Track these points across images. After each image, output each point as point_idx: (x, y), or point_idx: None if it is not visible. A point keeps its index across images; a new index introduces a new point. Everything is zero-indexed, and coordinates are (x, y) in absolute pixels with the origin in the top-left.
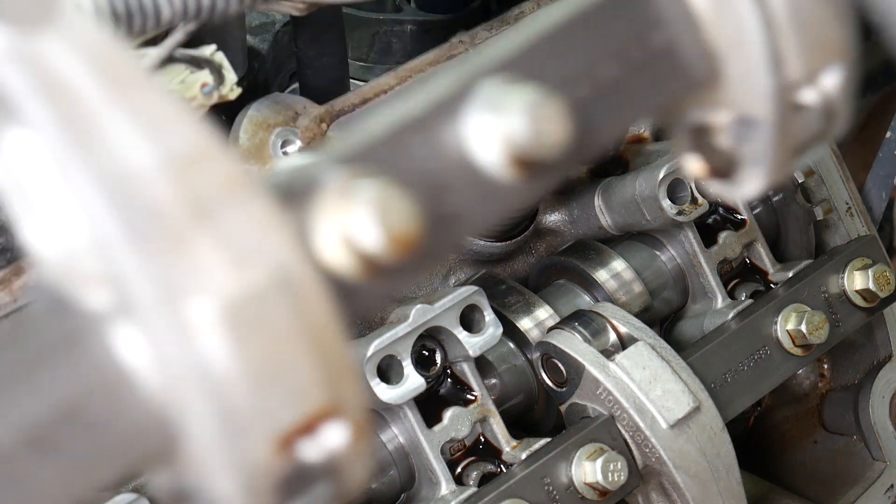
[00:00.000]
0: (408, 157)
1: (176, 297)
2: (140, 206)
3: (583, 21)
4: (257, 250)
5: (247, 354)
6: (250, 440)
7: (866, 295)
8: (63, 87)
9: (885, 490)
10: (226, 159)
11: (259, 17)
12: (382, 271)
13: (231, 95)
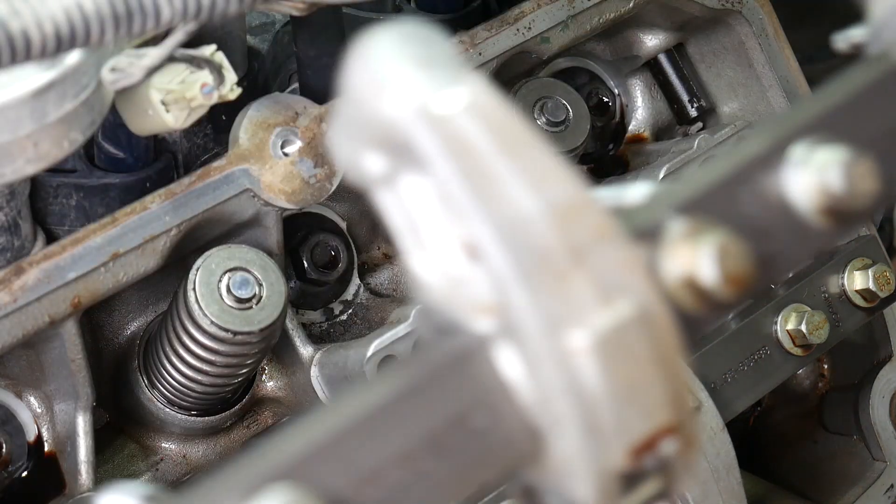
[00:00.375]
0: (736, 206)
1: (557, 326)
2: (528, 247)
3: (882, 87)
4: (622, 287)
5: (613, 377)
6: (608, 449)
7: (866, 295)
8: (465, 144)
9: (885, 490)
10: (596, 208)
11: (259, 17)
12: (717, 306)
13: (231, 95)
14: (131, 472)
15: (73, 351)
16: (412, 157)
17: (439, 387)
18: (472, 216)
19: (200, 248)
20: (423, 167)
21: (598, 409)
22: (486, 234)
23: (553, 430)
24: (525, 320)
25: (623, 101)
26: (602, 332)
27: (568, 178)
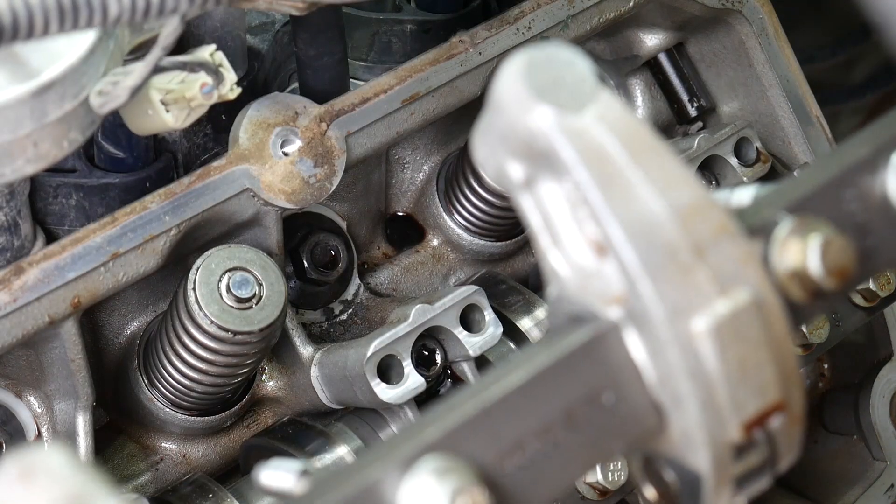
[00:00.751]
0: (839, 205)
1: (679, 314)
2: (656, 244)
3: None
4: (739, 279)
5: (730, 359)
6: (725, 424)
7: (866, 294)
8: (600, 153)
9: (885, 490)
10: (716, 208)
11: (259, 16)
12: (822, 296)
13: (231, 95)
14: (131, 472)
15: (73, 351)
16: (551, 165)
17: (573, 368)
18: (605, 216)
19: (200, 248)
20: (560, 174)
21: (716, 387)
22: (618, 233)
23: (675, 407)
24: (651, 308)
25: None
26: (720, 319)
27: (691, 181)
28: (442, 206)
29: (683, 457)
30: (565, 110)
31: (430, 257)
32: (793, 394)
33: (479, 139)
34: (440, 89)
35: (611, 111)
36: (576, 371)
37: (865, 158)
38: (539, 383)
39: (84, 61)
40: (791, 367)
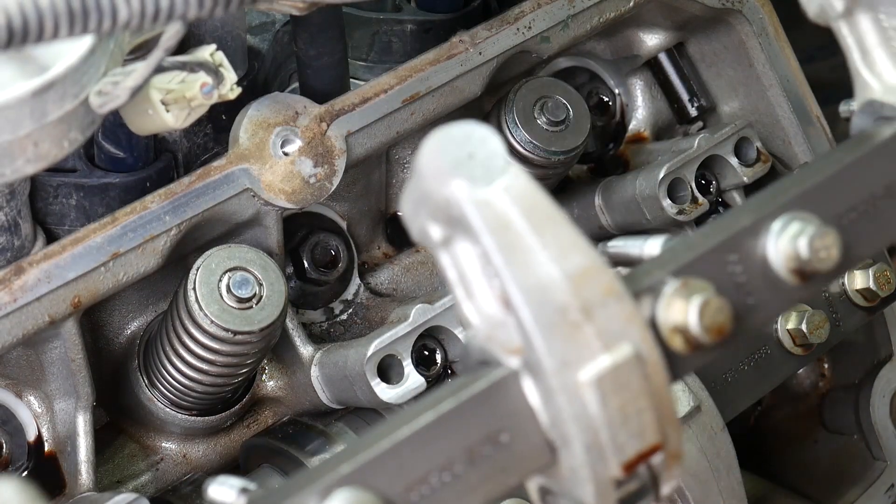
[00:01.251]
0: (724, 268)
1: (567, 366)
2: (550, 304)
3: (850, 172)
4: (622, 335)
5: (611, 406)
6: (607, 463)
7: (867, 294)
8: (504, 222)
9: (885, 489)
10: (605, 272)
11: (259, 16)
12: (702, 349)
13: (231, 95)
14: (131, 472)
15: (73, 351)
16: (464, 229)
17: (476, 410)
18: (506, 279)
19: (200, 248)
20: (471, 237)
21: (599, 431)
22: (516, 293)
23: (564, 447)
24: (543, 360)
25: (623, 101)
26: (602, 371)
27: (584, 247)
28: None
29: (572, 490)
30: (476, 183)
31: (430, 257)
32: (670, 435)
33: (406, 201)
34: (440, 89)
35: (516, 184)
36: (478, 412)
37: (748, 226)
38: (444, 423)
39: (84, 61)
40: (669, 411)
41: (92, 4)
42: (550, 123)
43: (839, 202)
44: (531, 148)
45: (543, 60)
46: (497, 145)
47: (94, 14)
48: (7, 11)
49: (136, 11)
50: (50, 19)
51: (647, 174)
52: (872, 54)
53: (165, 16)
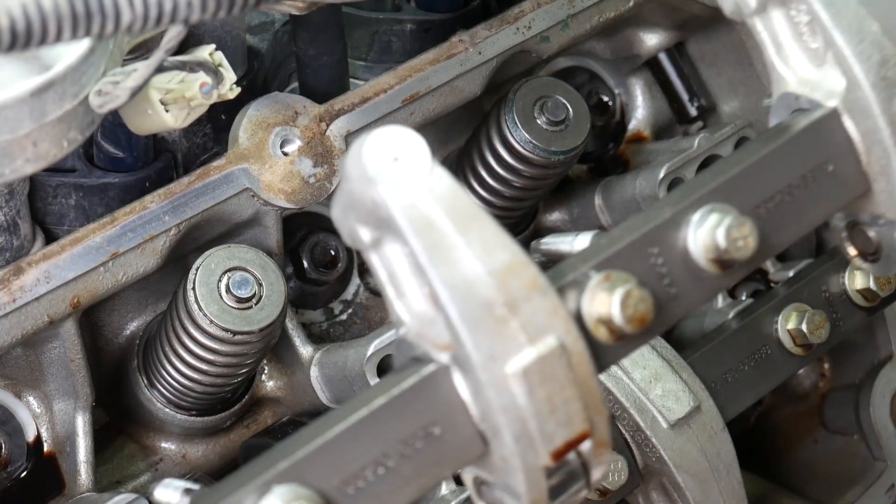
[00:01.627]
0: (644, 261)
1: (494, 360)
2: (475, 300)
3: (767, 163)
4: (547, 328)
5: (538, 397)
6: (536, 452)
7: (867, 294)
8: (429, 223)
9: (885, 490)
10: (529, 267)
11: (259, 16)
12: (626, 338)
13: (230, 95)
14: (131, 472)
15: (73, 351)
16: (392, 230)
17: (409, 404)
18: (433, 277)
19: (200, 248)
20: (399, 238)
21: (527, 421)
22: (443, 290)
23: (494, 438)
24: (471, 355)
25: (623, 101)
26: (528, 363)
27: (508, 244)
28: None
29: (504, 479)
30: (402, 186)
31: None
32: (597, 423)
33: (335, 206)
34: (440, 89)
35: (440, 186)
36: (410, 407)
37: (668, 218)
38: (377, 418)
39: (84, 61)
40: (595, 400)
41: (95, 7)
42: (550, 123)
43: (756, 193)
44: (531, 148)
45: (543, 60)
46: (421, 148)
47: (97, 17)
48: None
49: (139, 14)
50: (53, 22)
51: (647, 174)
52: (786, 49)
53: (168, 19)
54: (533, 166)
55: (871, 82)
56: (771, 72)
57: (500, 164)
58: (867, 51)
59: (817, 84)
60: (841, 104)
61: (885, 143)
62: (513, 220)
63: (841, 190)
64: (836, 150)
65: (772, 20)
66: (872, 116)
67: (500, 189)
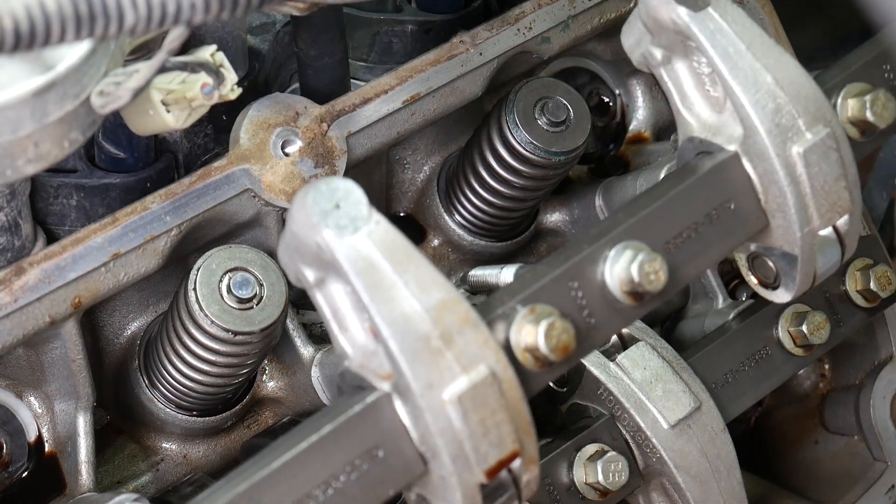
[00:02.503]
0: (566, 294)
1: (433, 387)
2: (413, 334)
3: (675, 203)
4: (479, 358)
5: (472, 421)
6: (472, 471)
7: (867, 295)
8: (369, 264)
9: (886, 490)
10: (461, 304)
11: (259, 17)
12: (551, 365)
13: (231, 95)
14: (132, 473)
15: (74, 351)
16: (335, 271)
17: (354, 429)
18: (374, 314)
19: (201, 248)
20: (342, 278)
21: (463, 443)
22: (383, 325)
23: (433, 459)
24: (410, 384)
25: (624, 101)
26: (462, 390)
27: (442, 282)
28: (442, 206)
29: (443, 496)
30: (343, 230)
31: (430, 257)
32: (526, 443)
33: (281, 250)
34: (441, 90)
35: (378, 230)
36: (355, 432)
37: (587, 255)
38: (326, 443)
39: (85, 61)
40: (524, 422)
41: (99, 9)
42: (551, 124)
43: (665, 230)
44: (531, 148)
45: (544, 61)
46: (360, 196)
47: (100, 19)
48: (14, 15)
49: (142, 16)
50: (57, 24)
51: (647, 175)
52: (690, 97)
53: (171, 20)
54: (533, 167)
55: (767, 129)
56: (677, 117)
57: (501, 164)
58: (763, 100)
59: (718, 129)
60: (740, 148)
61: (781, 183)
62: (513, 221)
63: (742, 225)
64: (737, 190)
65: (676, 71)
66: (768, 159)
67: (500, 190)
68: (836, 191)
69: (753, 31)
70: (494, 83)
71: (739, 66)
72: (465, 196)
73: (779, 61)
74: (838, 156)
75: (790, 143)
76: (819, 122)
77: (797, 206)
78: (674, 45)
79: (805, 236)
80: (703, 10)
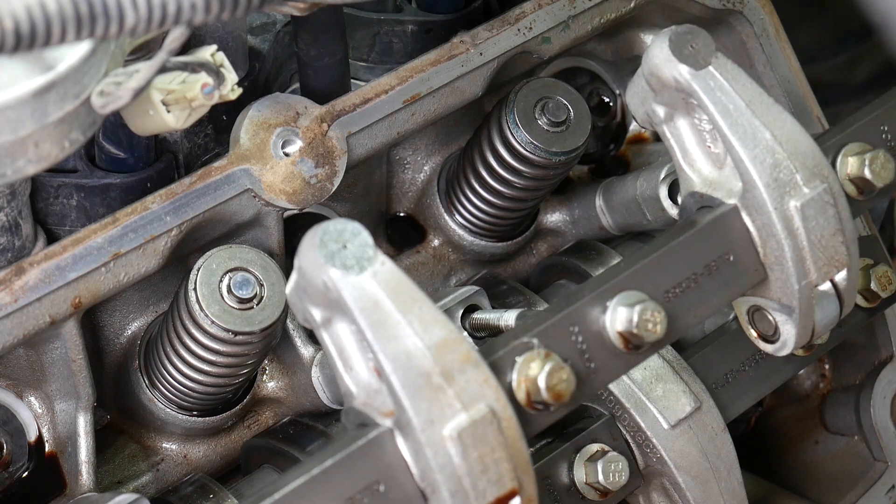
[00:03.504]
0: (566, 338)
1: (434, 424)
2: (415, 372)
3: (675, 254)
4: (479, 396)
5: (472, 458)
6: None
7: (868, 295)
8: (374, 304)
9: (886, 490)
10: (463, 343)
11: (260, 17)
12: (549, 408)
13: (232, 95)
14: (132, 473)
15: (74, 351)
16: (341, 310)
17: (355, 464)
18: (378, 352)
19: (201, 249)
20: (348, 317)
21: (462, 479)
22: (386, 363)
23: (432, 494)
24: (412, 420)
25: (624, 101)
26: (462, 428)
27: (444, 322)
28: (443, 206)
29: None
30: (349, 271)
31: (430, 258)
32: (525, 482)
33: (290, 290)
34: (441, 90)
35: (383, 271)
36: (357, 466)
37: (589, 300)
38: (328, 476)
39: (85, 61)
40: (523, 461)
41: (99, 10)
42: (551, 124)
43: (665, 280)
44: (532, 148)
45: (544, 61)
46: (366, 238)
47: (101, 19)
48: (15, 16)
49: (143, 16)
50: (57, 24)
51: (647, 175)
52: (691, 153)
53: (172, 21)
54: (534, 167)
55: (765, 183)
56: (679, 173)
57: (501, 164)
58: (761, 155)
59: (719, 184)
60: (739, 202)
61: (779, 237)
62: (514, 221)
63: (741, 278)
64: (736, 243)
65: (678, 128)
66: (767, 213)
67: (501, 190)
68: (833, 245)
69: (753, 89)
70: (494, 83)
71: (739, 123)
72: (466, 196)
73: (777, 118)
74: (835, 211)
75: (788, 197)
76: (816, 178)
77: (795, 259)
78: (676, 103)
79: (803, 289)
80: (704, 68)
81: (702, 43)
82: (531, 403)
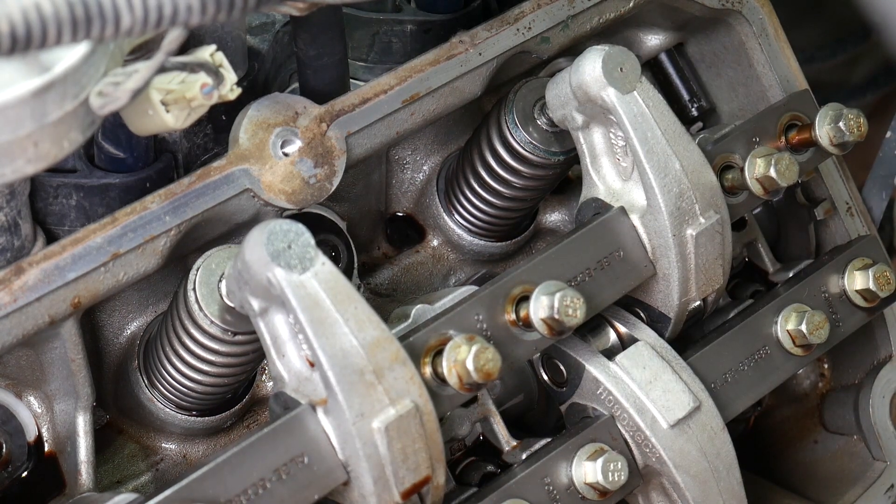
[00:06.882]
0: (497, 321)
1: (364, 416)
2: (349, 367)
3: (574, 246)
4: (405, 393)
5: (395, 448)
6: (390, 492)
7: (867, 295)
8: (314, 302)
9: (885, 490)
10: (393, 342)
11: (259, 17)
12: (475, 387)
13: (231, 95)
14: (131, 472)
15: (74, 351)
16: (281, 304)
17: (282, 437)
18: (315, 347)
19: (200, 248)
20: (287, 311)
21: (385, 467)
22: (323, 357)
23: (356, 478)
24: (343, 412)
25: None
26: (388, 421)
27: (377, 322)
28: (442, 206)
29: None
30: (292, 269)
31: (430, 257)
32: (437, 469)
33: (229, 278)
34: (440, 89)
35: (323, 271)
36: (284, 440)
37: (490, 291)
38: (256, 447)
39: (84, 62)
40: (438, 451)
41: (95, 12)
42: (550, 124)
43: (561, 275)
44: (531, 148)
45: (543, 61)
46: (308, 239)
47: (97, 21)
48: (11, 18)
49: (139, 18)
50: (53, 27)
51: None
52: (600, 161)
53: (168, 22)
54: (533, 167)
55: (669, 211)
56: (584, 177)
57: (501, 164)
58: (670, 185)
59: (621, 196)
60: (640, 220)
61: (671, 259)
62: (513, 221)
63: (630, 274)
64: (626, 243)
65: (592, 136)
66: (665, 237)
67: (500, 190)
68: (713, 269)
69: (669, 118)
70: (494, 83)
71: (655, 151)
72: (465, 196)
73: (686, 148)
74: (721, 238)
75: (686, 225)
76: (711, 208)
77: (681, 279)
78: (595, 115)
79: (681, 304)
80: (630, 92)
81: (630, 67)
82: (458, 382)
